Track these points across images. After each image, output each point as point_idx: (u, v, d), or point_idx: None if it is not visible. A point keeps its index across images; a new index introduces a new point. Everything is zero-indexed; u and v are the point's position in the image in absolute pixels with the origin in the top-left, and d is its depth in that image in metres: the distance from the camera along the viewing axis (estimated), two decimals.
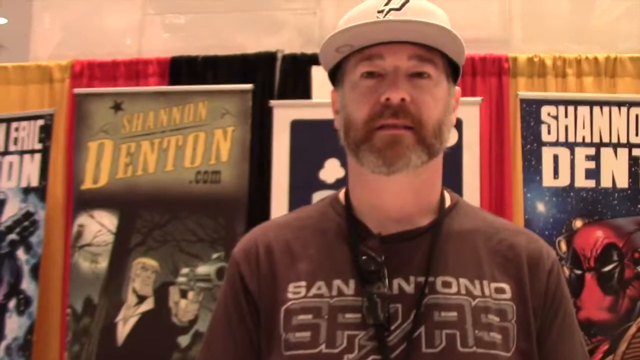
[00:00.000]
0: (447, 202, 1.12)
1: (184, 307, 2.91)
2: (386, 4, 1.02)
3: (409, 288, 1.01)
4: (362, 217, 1.09)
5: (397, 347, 0.98)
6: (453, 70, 1.07)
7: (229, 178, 3.00)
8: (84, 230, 3.03)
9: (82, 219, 3.05)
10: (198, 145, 3.04)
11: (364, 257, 1.02)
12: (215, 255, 2.96)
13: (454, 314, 1.00)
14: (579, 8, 3.52)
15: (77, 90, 3.25)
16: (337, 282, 1.03)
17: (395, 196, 1.06)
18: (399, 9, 1.02)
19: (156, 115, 3.08)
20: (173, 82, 3.38)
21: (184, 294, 2.93)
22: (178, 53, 3.47)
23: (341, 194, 1.15)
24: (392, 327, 0.99)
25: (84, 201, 3.08)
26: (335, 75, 1.09)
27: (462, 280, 1.03)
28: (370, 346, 0.98)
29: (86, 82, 3.46)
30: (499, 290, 1.03)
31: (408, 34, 1.00)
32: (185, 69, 3.41)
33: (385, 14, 1.01)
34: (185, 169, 3.03)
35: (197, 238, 2.98)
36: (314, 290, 1.03)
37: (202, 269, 2.95)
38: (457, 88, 1.11)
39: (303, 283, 1.04)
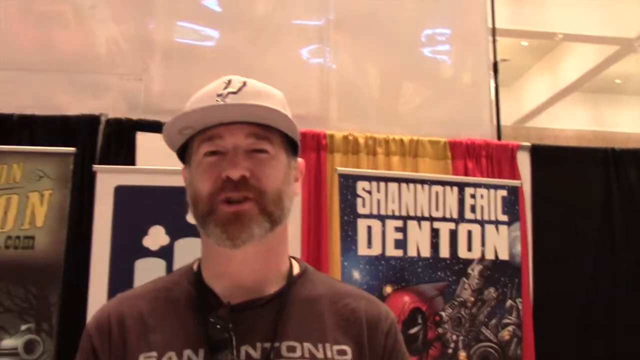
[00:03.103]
0: (296, 270, 1.19)
1: None
2: (225, 88, 1.10)
3: (256, 354, 1.05)
4: (212, 286, 1.12)
5: None
6: (292, 144, 1.15)
7: (43, 244, 2.84)
8: None
9: None
10: (10, 208, 2.85)
11: (213, 327, 1.06)
12: (24, 327, 2.74)
13: None
14: (387, 94, 3.92)
15: None
16: (187, 352, 1.05)
17: (243, 265, 1.11)
18: (236, 92, 1.09)
19: None
20: None
21: None
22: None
23: (195, 264, 1.19)
24: None
25: None
26: (184, 153, 1.15)
27: (306, 344, 1.08)
28: None
29: None
30: (341, 352, 1.10)
31: (244, 115, 1.07)
32: (7, 126, 3.20)
33: (225, 97, 1.09)
34: (6, 229, 2.82)
35: (4, 308, 2.75)
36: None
37: (8, 342, 2.72)
38: (300, 160, 1.19)
39: (154, 354, 1.05)
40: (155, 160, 3.07)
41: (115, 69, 3.54)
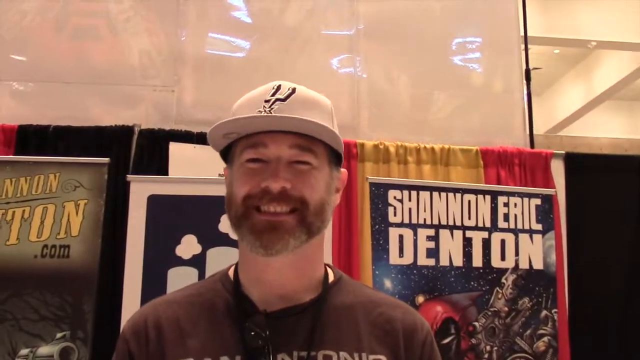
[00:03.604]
0: (331, 278, 1.18)
1: None
2: (273, 94, 1.09)
3: None
4: (248, 294, 1.12)
5: None
6: (335, 155, 1.14)
7: (78, 253, 2.88)
8: None
9: None
10: (46, 217, 2.90)
11: (249, 334, 1.05)
12: (59, 335, 2.78)
13: None
14: (418, 102, 3.90)
15: None
16: (223, 359, 1.05)
17: (277, 273, 1.10)
18: (284, 100, 1.08)
19: (1, 186, 2.91)
20: (20, 152, 3.21)
21: None
22: (26, 122, 3.33)
23: (231, 270, 1.19)
24: None
25: None
26: (227, 153, 1.14)
27: (342, 354, 1.08)
28: None
29: None
30: None
31: (290, 125, 1.06)
32: (34, 139, 3.26)
33: (272, 104, 1.08)
34: (31, 242, 2.86)
35: (40, 316, 2.79)
36: None
37: (44, 350, 2.76)
38: (343, 170, 1.18)
39: (191, 359, 1.06)
40: (188, 170, 3.11)
41: (148, 81, 3.59)
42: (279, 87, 1.10)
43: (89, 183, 2.94)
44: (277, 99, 1.08)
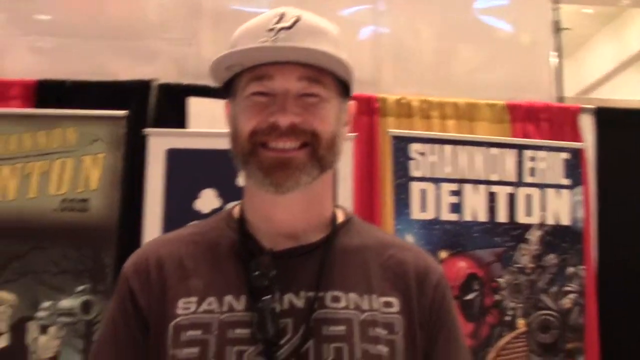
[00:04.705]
0: (340, 219, 1.14)
1: (43, 344, 2.71)
2: (277, 22, 1.03)
3: (299, 303, 1.02)
4: (254, 232, 1.09)
5: None
6: (344, 86, 1.09)
7: (97, 207, 2.87)
8: None
9: None
10: (65, 171, 2.89)
11: (255, 273, 1.02)
12: (80, 288, 2.79)
13: (343, 327, 1.01)
14: (442, 56, 3.79)
15: None
16: (228, 298, 1.02)
17: (286, 212, 1.07)
18: (289, 28, 1.03)
19: (19, 139, 2.89)
20: (38, 106, 3.20)
21: (43, 330, 2.73)
22: (45, 76, 3.31)
23: (236, 209, 1.15)
24: (282, 342, 0.99)
25: None
26: (229, 87, 1.09)
27: (351, 295, 1.04)
28: None
29: None
30: (387, 304, 1.06)
31: (298, 56, 1.01)
32: (52, 93, 3.24)
33: (276, 33, 1.03)
34: (50, 196, 2.86)
35: (61, 269, 2.80)
36: (204, 306, 1.02)
37: (65, 303, 2.77)
38: (352, 102, 1.14)
39: (194, 299, 1.03)
40: (206, 125, 3.07)
41: (166, 35, 3.54)
42: (282, 15, 1.04)
43: (107, 136, 2.92)
44: (282, 28, 1.03)
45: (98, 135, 2.92)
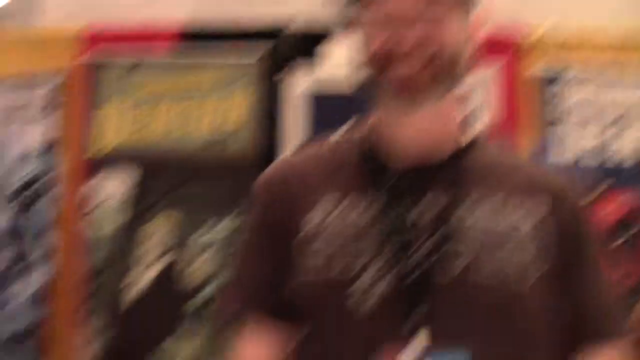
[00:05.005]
0: (470, 137, 1.16)
1: (200, 265, 2.92)
2: None
3: (429, 216, 1.05)
4: (383, 151, 1.12)
5: (412, 273, 1.01)
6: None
7: (235, 149, 3.01)
8: (96, 192, 3.03)
9: (95, 181, 3.04)
10: (204, 114, 3.05)
11: (385, 186, 1.06)
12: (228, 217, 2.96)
13: (474, 243, 1.02)
14: None
15: (91, 54, 3.24)
16: (356, 210, 1.06)
17: (415, 130, 1.09)
18: None
19: (172, 80, 3.08)
20: (188, 49, 3.33)
21: (202, 251, 2.95)
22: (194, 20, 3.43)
23: (366, 123, 1.18)
24: (409, 254, 1.02)
25: (97, 164, 3.07)
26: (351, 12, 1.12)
27: (484, 208, 1.06)
28: (384, 273, 1.02)
29: (101, 47, 3.42)
30: (522, 222, 1.05)
31: None
32: (200, 37, 3.35)
33: None
34: (190, 137, 3.04)
35: (205, 205, 3.00)
36: (331, 218, 1.07)
37: (210, 236, 2.97)
38: (479, 9, 1.12)
39: (320, 212, 1.08)
40: (342, 70, 3.06)
41: None
42: None
43: (243, 81, 3.02)
44: None
45: (234, 79, 3.03)
